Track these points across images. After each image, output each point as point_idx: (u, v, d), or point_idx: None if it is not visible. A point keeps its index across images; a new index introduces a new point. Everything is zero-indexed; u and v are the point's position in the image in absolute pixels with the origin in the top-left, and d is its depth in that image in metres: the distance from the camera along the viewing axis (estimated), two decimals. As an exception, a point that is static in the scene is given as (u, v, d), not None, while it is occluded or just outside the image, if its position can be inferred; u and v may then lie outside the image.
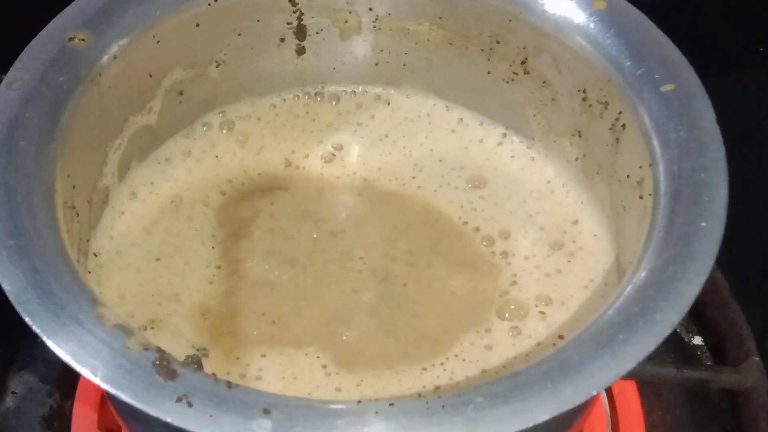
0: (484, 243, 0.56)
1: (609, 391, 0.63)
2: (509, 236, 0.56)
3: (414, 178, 0.59)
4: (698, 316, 0.67)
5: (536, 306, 0.53)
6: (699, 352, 0.67)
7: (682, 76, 0.50)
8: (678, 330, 0.68)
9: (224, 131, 0.61)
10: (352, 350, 0.51)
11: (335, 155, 0.61)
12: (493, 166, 0.60)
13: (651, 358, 0.57)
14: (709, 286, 0.63)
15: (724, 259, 0.58)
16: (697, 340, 0.68)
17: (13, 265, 0.41)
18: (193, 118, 0.60)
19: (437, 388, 0.50)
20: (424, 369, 0.51)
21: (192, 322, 0.51)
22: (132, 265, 0.53)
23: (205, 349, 0.50)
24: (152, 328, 0.51)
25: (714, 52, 0.80)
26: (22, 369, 0.63)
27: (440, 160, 0.60)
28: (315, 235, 0.56)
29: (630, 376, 0.58)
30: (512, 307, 0.53)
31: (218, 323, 0.51)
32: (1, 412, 0.61)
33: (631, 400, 0.62)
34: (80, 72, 0.50)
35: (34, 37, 0.50)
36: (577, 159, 0.58)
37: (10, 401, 0.61)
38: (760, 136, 0.79)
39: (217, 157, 0.60)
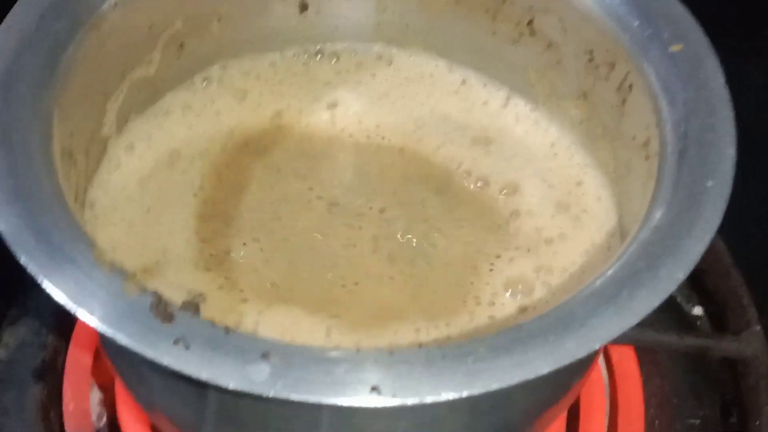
0: (491, 196, 0.56)
1: (608, 358, 0.62)
2: (517, 191, 0.56)
3: (414, 133, 0.59)
4: (699, 285, 0.67)
5: (539, 276, 0.52)
6: (699, 322, 0.67)
7: (691, 37, 0.50)
8: (678, 299, 0.67)
9: (224, 86, 0.60)
10: (349, 307, 0.51)
11: (333, 113, 0.60)
12: (497, 127, 0.59)
13: (651, 325, 0.57)
14: (710, 254, 0.63)
15: (726, 228, 0.58)
16: (698, 310, 0.67)
17: (10, 206, 0.40)
18: (193, 72, 0.59)
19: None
20: (418, 330, 0.50)
21: (181, 277, 0.51)
22: (125, 219, 0.53)
23: (201, 294, 0.49)
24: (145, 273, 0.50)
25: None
26: (14, 322, 0.62)
27: (443, 120, 0.59)
28: (309, 191, 0.55)
29: (630, 341, 0.59)
30: (518, 282, 0.52)
31: (209, 278, 0.51)
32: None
33: (629, 367, 0.62)
34: (80, 18, 0.49)
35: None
36: (581, 122, 0.57)
37: (2, 353, 0.61)
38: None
39: (217, 112, 0.59)
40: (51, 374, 0.61)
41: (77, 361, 0.60)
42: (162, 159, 0.56)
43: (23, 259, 0.38)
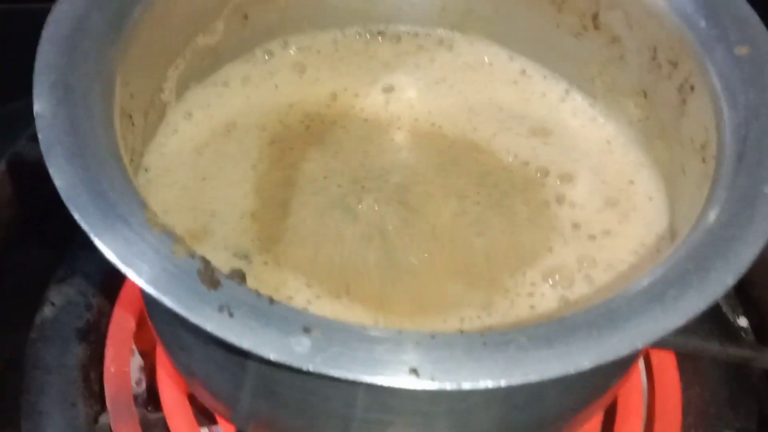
0: (543, 187, 0.55)
1: (648, 363, 0.62)
2: (570, 182, 0.55)
3: (469, 121, 0.59)
4: (745, 296, 0.66)
5: (581, 269, 0.52)
6: (743, 333, 0.66)
7: (758, 39, 0.49)
8: (723, 309, 0.66)
9: (284, 60, 0.60)
10: (396, 297, 0.51)
11: (388, 96, 0.60)
12: (554, 120, 0.59)
13: (694, 332, 0.57)
14: (758, 265, 0.61)
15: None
16: (743, 321, 0.66)
17: (67, 162, 0.40)
18: (254, 43, 0.60)
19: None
20: (462, 319, 0.50)
21: (232, 243, 0.51)
22: (179, 183, 0.53)
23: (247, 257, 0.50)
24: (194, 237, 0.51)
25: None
26: (62, 281, 0.63)
27: (500, 109, 0.59)
28: (362, 173, 0.55)
29: (672, 346, 0.58)
30: (557, 273, 0.52)
31: (256, 249, 0.51)
32: (38, 321, 0.61)
33: (669, 373, 0.61)
34: (149, -19, 0.49)
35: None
36: (639, 120, 0.56)
37: (48, 311, 0.62)
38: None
39: (276, 86, 0.59)
40: (94, 335, 0.61)
41: (121, 324, 0.61)
42: (218, 128, 0.56)
43: (77, 216, 0.39)
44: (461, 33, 0.62)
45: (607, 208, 0.54)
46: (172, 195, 0.53)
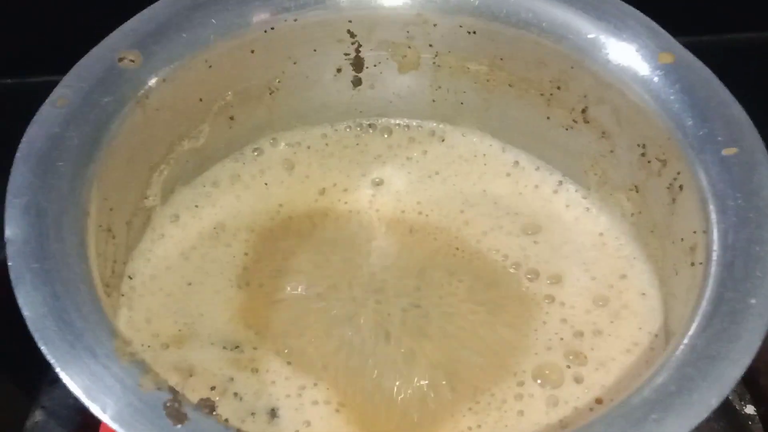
0: (531, 286, 0.54)
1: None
2: (559, 282, 0.54)
3: (462, 212, 0.58)
4: (752, 383, 0.64)
5: (570, 366, 0.51)
6: (751, 422, 0.64)
7: (747, 141, 0.48)
8: (730, 397, 0.65)
9: (274, 157, 0.60)
10: (375, 397, 0.50)
11: (380, 188, 0.59)
12: (547, 213, 0.58)
13: (698, 427, 0.55)
14: (764, 353, 0.60)
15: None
16: (750, 410, 0.65)
17: (35, 290, 0.40)
18: (242, 143, 0.59)
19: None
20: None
21: (212, 354, 0.50)
22: (164, 289, 0.53)
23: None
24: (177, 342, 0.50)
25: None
26: (53, 383, 0.62)
27: (494, 203, 0.58)
28: (350, 271, 0.55)
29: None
30: (547, 371, 0.51)
31: (239, 357, 0.50)
32: (30, 426, 0.61)
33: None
34: (126, 93, 0.49)
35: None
36: (632, 215, 0.55)
37: (39, 415, 0.61)
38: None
39: (266, 184, 0.59)
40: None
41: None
42: (206, 231, 0.56)
43: (43, 349, 0.39)
44: (452, 125, 0.62)
45: (598, 307, 0.53)
46: (156, 302, 0.52)
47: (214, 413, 0.39)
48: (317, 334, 0.52)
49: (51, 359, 0.38)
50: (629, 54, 0.52)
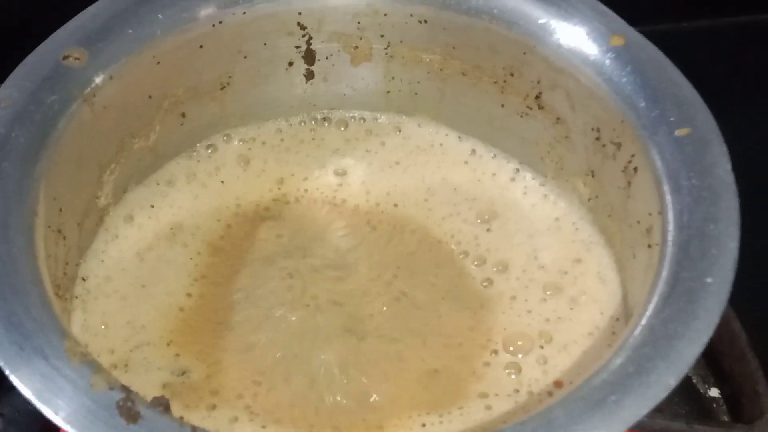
0: (484, 276, 0.54)
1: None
2: (506, 270, 0.54)
3: (426, 201, 0.58)
4: (715, 366, 0.64)
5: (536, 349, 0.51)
6: (715, 405, 0.64)
7: (698, 120, 0.48)
8: (695, 380, 0.65)
9: (228, 153, 0.59)
10: (340, 410, 0.49)
11: (342, 180, 0.59)
12: (505, 201, 0.58)
13: (661, 410, 0.55)
14: (727, 337, 0.60)
15: (743, 310, 0.55)
16: (714, 392, 0.65)
17: (-18, 294, 0.39)
18: (195, 140, 0.58)
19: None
20: (423, 425, 0.48)
21: (164, 358, 0.50)
22: (119, 291, 0.52)
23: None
24: (125, 365, 0.49)
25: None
26: (11, 390, 0.61)
27: (454, 189, 0.58)
28: (309, 268, 0.54)
29: (636, 427, 0.56)
30: (509, 349, 0.51)
31: (189, 364, 0.50)
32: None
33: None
34: (72, 91, 0.48)
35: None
36: (589, 199, 0.55)
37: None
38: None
39: (222, 181, 0.58)
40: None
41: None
42: (162, 231, 0.55)
43: (-8, 352, 0.38)
44: (408, 116, 0.61)
45: (553, 293, 0.53)
46: (111, 306, 0.51)
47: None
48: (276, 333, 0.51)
49: (0, 362, 0.38)
50: (580, 38, 0.52)
